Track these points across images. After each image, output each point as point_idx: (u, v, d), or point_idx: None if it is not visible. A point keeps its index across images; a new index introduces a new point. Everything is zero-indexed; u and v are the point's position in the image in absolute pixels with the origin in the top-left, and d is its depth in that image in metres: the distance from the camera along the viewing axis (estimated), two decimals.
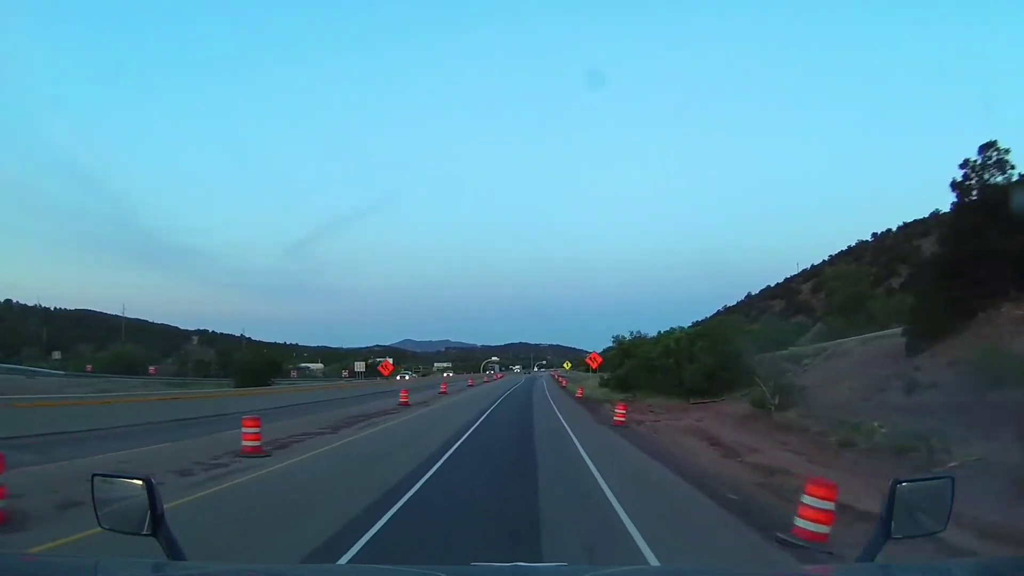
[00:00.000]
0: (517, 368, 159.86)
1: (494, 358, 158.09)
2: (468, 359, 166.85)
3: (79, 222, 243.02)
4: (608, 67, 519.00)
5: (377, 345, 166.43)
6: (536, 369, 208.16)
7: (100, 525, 1.90)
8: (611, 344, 46.35)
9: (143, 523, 1.83)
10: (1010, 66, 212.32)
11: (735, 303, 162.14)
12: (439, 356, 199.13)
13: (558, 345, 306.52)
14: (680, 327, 37.07)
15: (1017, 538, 6.07)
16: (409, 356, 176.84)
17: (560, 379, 76.17)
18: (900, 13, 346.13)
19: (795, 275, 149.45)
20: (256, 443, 11.26)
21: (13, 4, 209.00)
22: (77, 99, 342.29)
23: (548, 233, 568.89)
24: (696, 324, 52.22)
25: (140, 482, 1.86)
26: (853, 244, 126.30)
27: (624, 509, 7.27)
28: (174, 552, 1.87)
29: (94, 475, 1.94)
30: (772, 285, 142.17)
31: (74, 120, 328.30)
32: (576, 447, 13.52)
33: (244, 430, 11.37)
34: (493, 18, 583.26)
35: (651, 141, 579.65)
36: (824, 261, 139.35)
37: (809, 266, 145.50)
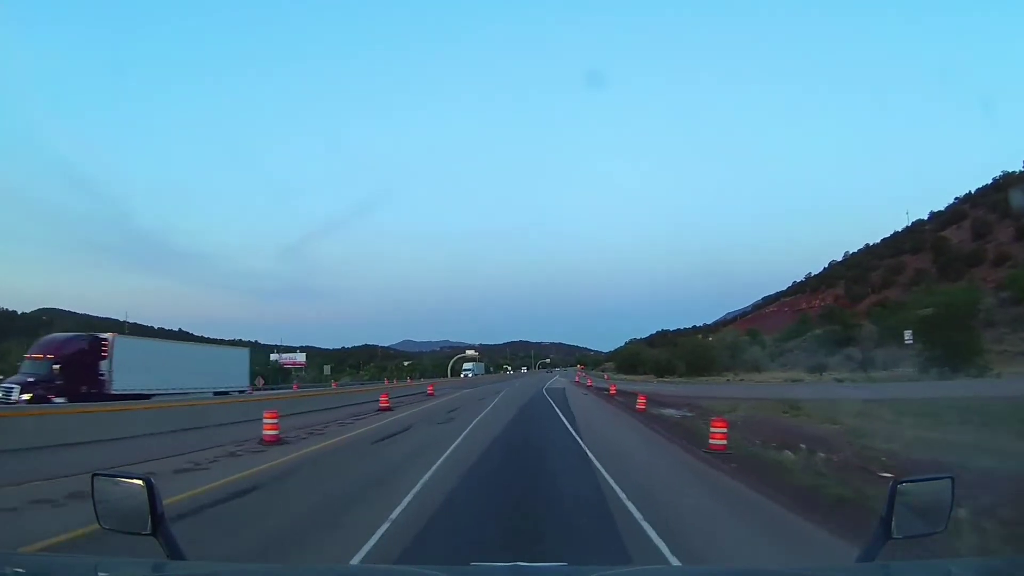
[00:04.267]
0: (469, 370, 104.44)
1: (471, 354, 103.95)
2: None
3: (75, 225, 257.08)
4: (608, 66, 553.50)
5: (366, 344, 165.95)
6: (541, 370, 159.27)
7: (100, 525, 1.98)
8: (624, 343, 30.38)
9: (143, 523, 1.90)
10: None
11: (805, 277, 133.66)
12: (435, 355, 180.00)
13: (561, 343, 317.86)
14: None
15: None
16: (380, 354, 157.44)
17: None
18: (894, 11, 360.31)
19: (917, 222, 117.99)
20: None
21: (7, 5, 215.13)
22: (71, 100, 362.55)
23: (550, 232, 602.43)
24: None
25: (140, 482, 1.93)
26: (998, 176, 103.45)
27: None
28: (174, 552, 1.95)
29: (94, 475, 2.00)
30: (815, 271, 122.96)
31: (68, 121, 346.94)
32: None
33: None
34: (491, 17, 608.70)
35: (653, 140, 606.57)
36: (955, 201, 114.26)
37: (928, 214, 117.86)
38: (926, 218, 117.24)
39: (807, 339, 72.25)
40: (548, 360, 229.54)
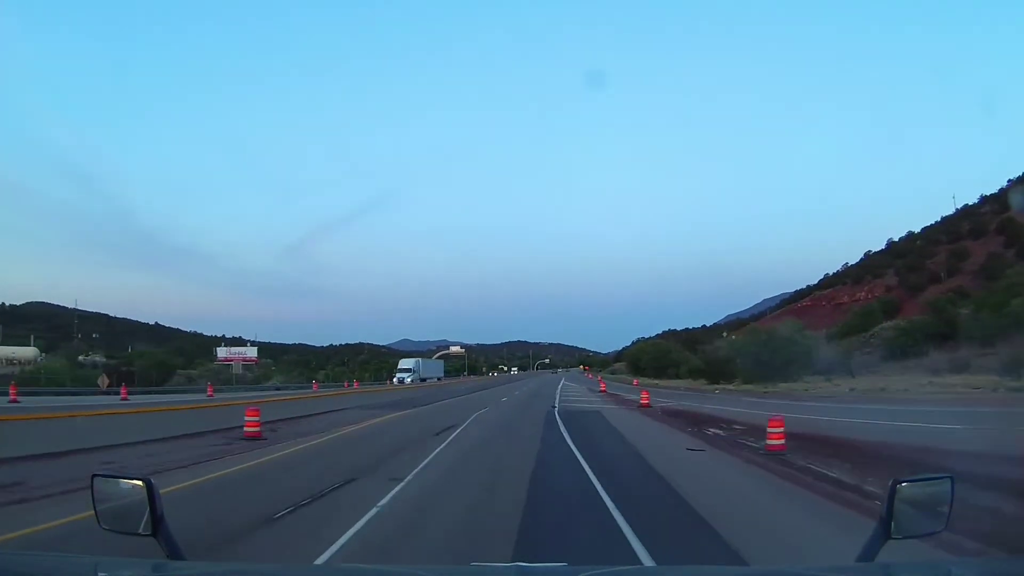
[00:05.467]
0: (408, 372, 68.30)
1: (455, 351, 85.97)
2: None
3: (76, 222, 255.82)
4: (609, 67, 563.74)
5: (361, 343, 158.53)
6: (542, 371, 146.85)
7: (100, 525, 2.00)
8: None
9: (143, 523, 1.90)
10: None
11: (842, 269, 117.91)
12: (430, 355, 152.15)
13: (560, 344, 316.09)
14: None
15: None
16: (367, 352, 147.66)
17: None
18: (894, 13, 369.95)
19: (965, 207, 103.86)
20: None
21: (9, 4, 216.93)
22: (74, 98, 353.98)
23: (549, 234, 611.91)
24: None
25: (140, 482, 1.93)
26: None
27: None
28: (174, 552, 1.95)
29: (94, 475, 2.03)
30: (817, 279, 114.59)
31: (70, 118, 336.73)
32: None
33: None
34: (495, 17, 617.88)
35: (653, 142, 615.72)
36: (1009, 183, 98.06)
37: (979, 198, 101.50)
38: (977, 201, 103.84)
39: (878, 333, 57.22)
40: (547, 360, 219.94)
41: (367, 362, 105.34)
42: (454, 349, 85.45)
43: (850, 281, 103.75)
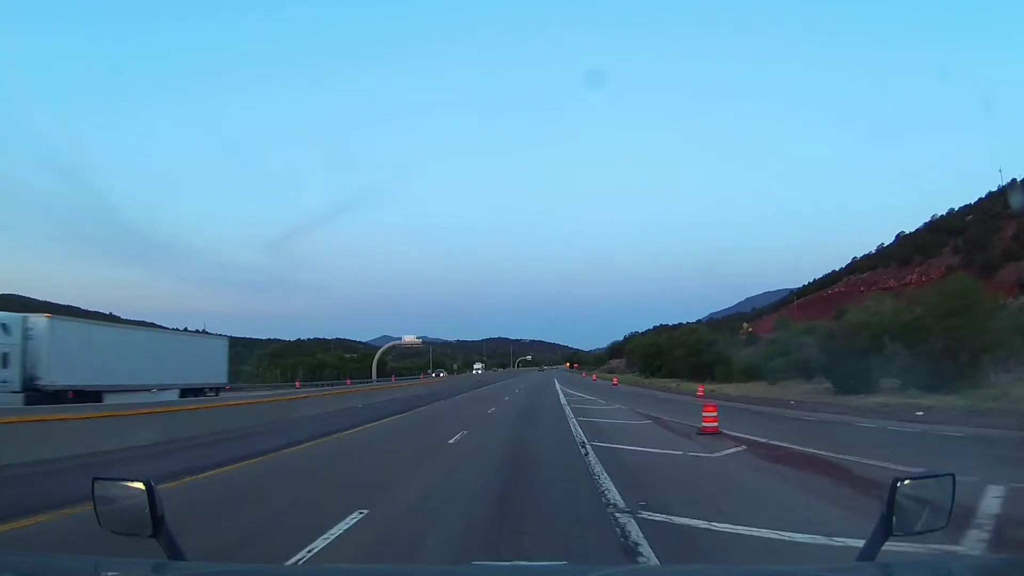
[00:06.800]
0: None
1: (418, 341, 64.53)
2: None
3: (59, 215, 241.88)
4: (604, 67, 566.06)
5: (338, 338, 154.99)
6: (523, 368, 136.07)
7: (100, 526, 1.96)
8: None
9: (144, 525, 1.89)
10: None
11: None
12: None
13: (542, 341, 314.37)
14: None
15: None
16: (333, 347, 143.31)
17: None
18: (893, 13, 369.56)
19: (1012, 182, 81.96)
20: None
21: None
22: (60, 91, 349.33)
23: (534, 233, 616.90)
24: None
25: (140, 485, 1.91)
26: None
27: None
28: (174, 553, 1.93)
29: (95, 479, 1.99)
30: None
31: (55, 112, 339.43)
32: None
33: None
34: (493, 16, 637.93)
35: (646, 142, 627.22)
36: None
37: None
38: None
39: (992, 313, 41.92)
40: (529, 357, 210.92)
41: (317, 359, 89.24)
42: (408, 339, 64.05)
43: (895, 263, 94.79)
